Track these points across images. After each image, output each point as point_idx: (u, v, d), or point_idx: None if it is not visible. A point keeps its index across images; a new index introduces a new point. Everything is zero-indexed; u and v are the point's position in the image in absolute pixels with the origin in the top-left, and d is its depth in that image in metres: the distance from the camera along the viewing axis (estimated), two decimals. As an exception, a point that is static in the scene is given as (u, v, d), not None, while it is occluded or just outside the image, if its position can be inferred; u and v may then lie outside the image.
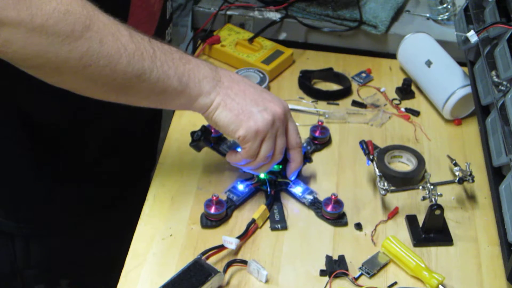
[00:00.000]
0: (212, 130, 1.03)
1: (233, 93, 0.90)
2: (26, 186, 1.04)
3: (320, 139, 1.10)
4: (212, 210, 0.95)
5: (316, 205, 0.99)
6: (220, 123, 0.90)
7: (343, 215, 0.97)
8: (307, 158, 1.03)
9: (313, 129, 1.11)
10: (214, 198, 0.96)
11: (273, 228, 0.96)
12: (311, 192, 1.00)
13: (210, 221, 0.96)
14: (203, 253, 0.89)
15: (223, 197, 0.99)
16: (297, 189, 1.00)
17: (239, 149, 0.93)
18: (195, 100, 0.88)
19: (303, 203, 1.00)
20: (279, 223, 0.97)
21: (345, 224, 0.97)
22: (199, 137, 0.98)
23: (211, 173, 1.04)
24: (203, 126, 0.99)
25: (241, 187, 1.00)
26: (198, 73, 0.88)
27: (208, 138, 1.00)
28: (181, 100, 0.88)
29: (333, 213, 0.96)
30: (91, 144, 1.07)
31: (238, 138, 0.90)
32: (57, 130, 1.02)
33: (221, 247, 0.90)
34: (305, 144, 1.09)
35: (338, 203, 0.97)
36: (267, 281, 0.88)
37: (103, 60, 0.79)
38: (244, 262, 0.89)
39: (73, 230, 1.11)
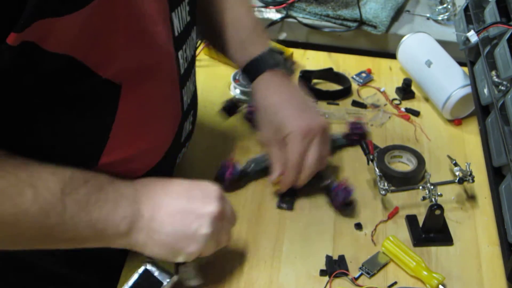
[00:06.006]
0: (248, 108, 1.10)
1: (158, 224, 0.80)
2: None
3: (358, 135, 1.10)
4: (226, 174, 0.99)
5: (328, 189, 1.00)
6: (159, 258, 0.83)
7: (351, 202, 0.98)
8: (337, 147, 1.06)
9: (352, 125, 1.10)
10: (231, 159, 1.00)
11: (279, 206, 0.99)
12: (328, 177, 1.01)
13: (223, 180, 0.99)
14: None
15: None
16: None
17: None
18: (114, 242, 0.80)
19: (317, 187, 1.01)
20: (286, 203, 0.99)
21: (353, 210, 0.98)
22: (231, 103, 1.08)
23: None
24: (234, 97, 1.07)
25: (261, 160, 1.03)
26: (115, 215, 0.78)
27: (238, 105, 1.08)
28: (102, 243, 0.80)
29: (340, 199, 0.97)
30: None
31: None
32: None
33: None
34: (338, 137, 1.10)
35: (347, 189, 0.98)
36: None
37: (1, 228, 0.73)
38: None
39: None
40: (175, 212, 0.81)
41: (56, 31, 0.68)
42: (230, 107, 1.11)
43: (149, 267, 0.83)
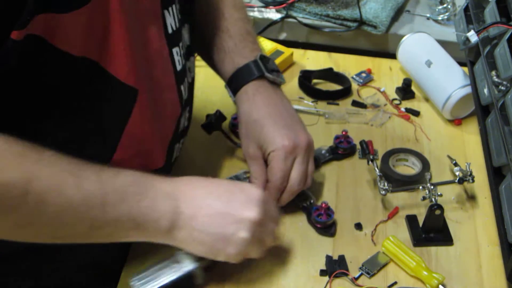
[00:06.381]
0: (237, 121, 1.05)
1: (199, 224, 0.80)
2: None
3: (342, 149, 1.08)
4: None
5: (308, 211, 0.98)
6: (200, 255, 0.84)
7: (331, 225, 0.96)
8: (316, 165, 1.02)
9: (337, 138, 1.08)
10: None
11: None
12: (308, 197, 0.99)
13: None
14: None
15: None
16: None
17: None
18: (154, 237, 0.81)
19: (298, 207, 0.99)
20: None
21: (332, 235, 0.95)
22: (212, 120, 1.01)
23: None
24: (218, 111, 1.01)
25: (241, 176, 1.00)
26: (155, 210, 0.79)
27: (220, 122, 1.02)
28: (142, 238, 0.81)
29: (321, 221, 0.95)
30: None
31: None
32: None
33: None
34: (323, 151, 1.08)
35: (328, 212, 0.95)
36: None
37: (45, 218, 0.73)
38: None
39: None
40: (215, 214, 0.81)
41: (62, 28, 0.70)
42: (211, 124, 1.04)
43: (178, 254, 0.85)
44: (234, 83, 0.98)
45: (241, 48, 0.99)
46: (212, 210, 0.81)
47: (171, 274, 0.83)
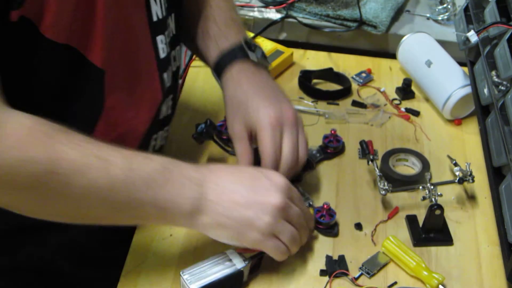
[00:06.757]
0: (223, 128, 1.04)
1: (223, 208, 0.82)
2: None
3: (332, 148, 1.08)
4: None
5: None
6: (220, 240, 0.85)
7: (334, 226, 0.96)
8: (311, 166, 1.02)
9: (326, 137, 1.08)
10: None
11: None
12: (307, 199, 0.99)
13: None
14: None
15: None
16: None
17: None
18: (178, 221, 0.83)
19: None
20: None
21: (335, 235, 0.95)
22: (203, 130, 0.99)
23: None
24: (208, 120, 1.00)
25: None
26: (180, 196, 0.80)
27: (210, 132, 1.00)
28: (165, 222, 0.85)
29: (323, 222, 0.95)
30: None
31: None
32: None
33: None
34: (314, 152, 1.08)
35: (330, 213, 0.96)
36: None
37: (68, 199, 0.75)
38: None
39: None
40: (240, 199, 0.82)
41: (50, 12, 0.72)
42: (202, 134, 1.01)
43: (228, 252, 0.87)
44: (219, 67, 0.98)
45: (225, 33, 0.99)
46: (237, 195, 0.82)
47: (222, 271, 0.85)
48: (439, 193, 0.96)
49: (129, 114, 0.88)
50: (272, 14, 1.38)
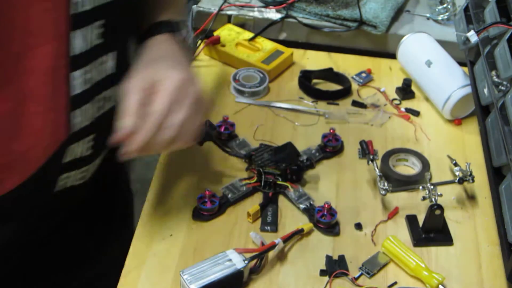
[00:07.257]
0: (222, 129, 1.03)
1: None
2: None
3: (331, 147, 1.08)
4: (205, 205, 0.96)
5: (310, 212, 0.98)
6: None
7: (335, 225, 0.96)
8: (310, 165, 1.02)
9: (325, 136, 1.09)
10: (207, 192, 0.96)
11: (262, 229, 0.96)
12: (308, 199, 0.99)
13: (201, 215, 0.96)
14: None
15: (220, 193, 0.99)
16: (295, 194, 1.00)
17: None
18: None
19: (298, 208, 0.99)
20: (269, 225, 0.96)
21: (337, 234, 0.95)
22: (203, 131, 0.98)
23: (213, 172, 1.04)
24: (207, 121, 0.99)
25: (238, 185, 1.00)
26: None
27: (210, 133, 0.99)
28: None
29: (324, 221, 0.95)
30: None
31: None
32: None
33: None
34: (314, 151, 1.08)
35: (331, 212, 0.96)
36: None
37: None
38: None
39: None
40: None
41: None
42: (203, 135, 0.99)
43: (228, 252, 0.87)
44: (142, 39, 0.92)
45: (162, 11, 0.95)
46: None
47: (222, 271, 0.85)
48: (439, 193, 0.96)
49: (19, 136, 0.82)
50: (272, 14, 1.38)
